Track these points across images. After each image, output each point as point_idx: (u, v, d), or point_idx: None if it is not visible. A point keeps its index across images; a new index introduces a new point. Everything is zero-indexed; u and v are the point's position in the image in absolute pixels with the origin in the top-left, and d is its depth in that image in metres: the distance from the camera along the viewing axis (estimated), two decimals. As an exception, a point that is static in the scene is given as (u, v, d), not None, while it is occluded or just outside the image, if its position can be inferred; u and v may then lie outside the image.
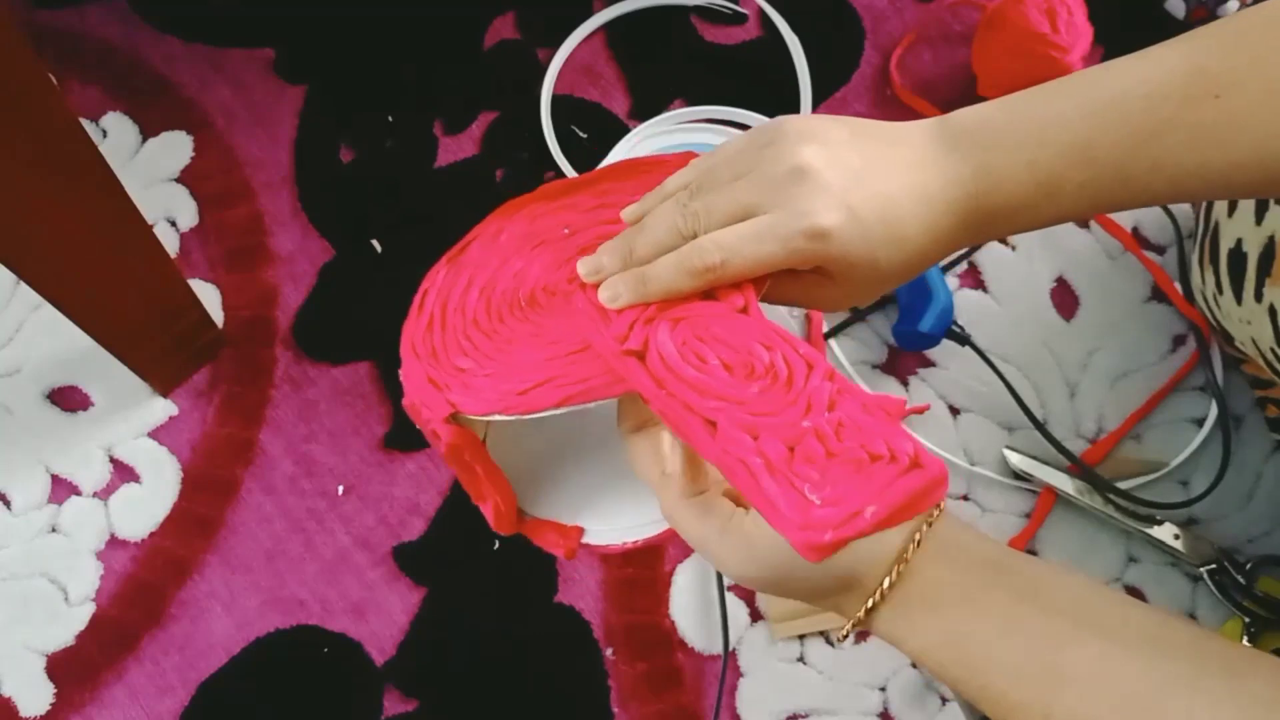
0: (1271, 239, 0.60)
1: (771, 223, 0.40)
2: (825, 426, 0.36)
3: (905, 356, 0.77)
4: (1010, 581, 0.38)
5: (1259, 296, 0.62)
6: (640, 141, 0.79)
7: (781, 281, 0.42)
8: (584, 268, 0.45)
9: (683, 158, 0.48)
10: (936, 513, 0.39)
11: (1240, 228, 0.64)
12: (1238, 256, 0.64)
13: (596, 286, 0.44)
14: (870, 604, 0.38)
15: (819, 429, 0.36)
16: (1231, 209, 0.66)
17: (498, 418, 0.43)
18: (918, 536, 0.39)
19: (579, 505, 0.48)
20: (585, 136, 0.83)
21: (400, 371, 0.48)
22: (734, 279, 0.41)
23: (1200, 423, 0.74)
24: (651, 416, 0.42)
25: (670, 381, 0.38)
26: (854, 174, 0.41)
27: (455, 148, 0.83)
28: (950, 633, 0.38)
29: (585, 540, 0.47)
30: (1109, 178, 0.40)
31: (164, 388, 0.75)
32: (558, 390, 0.42)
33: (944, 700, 0.69)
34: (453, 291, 0.49)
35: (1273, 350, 0.62)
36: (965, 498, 0.74)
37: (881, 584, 0.38)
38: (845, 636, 0.41)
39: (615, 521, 0.48)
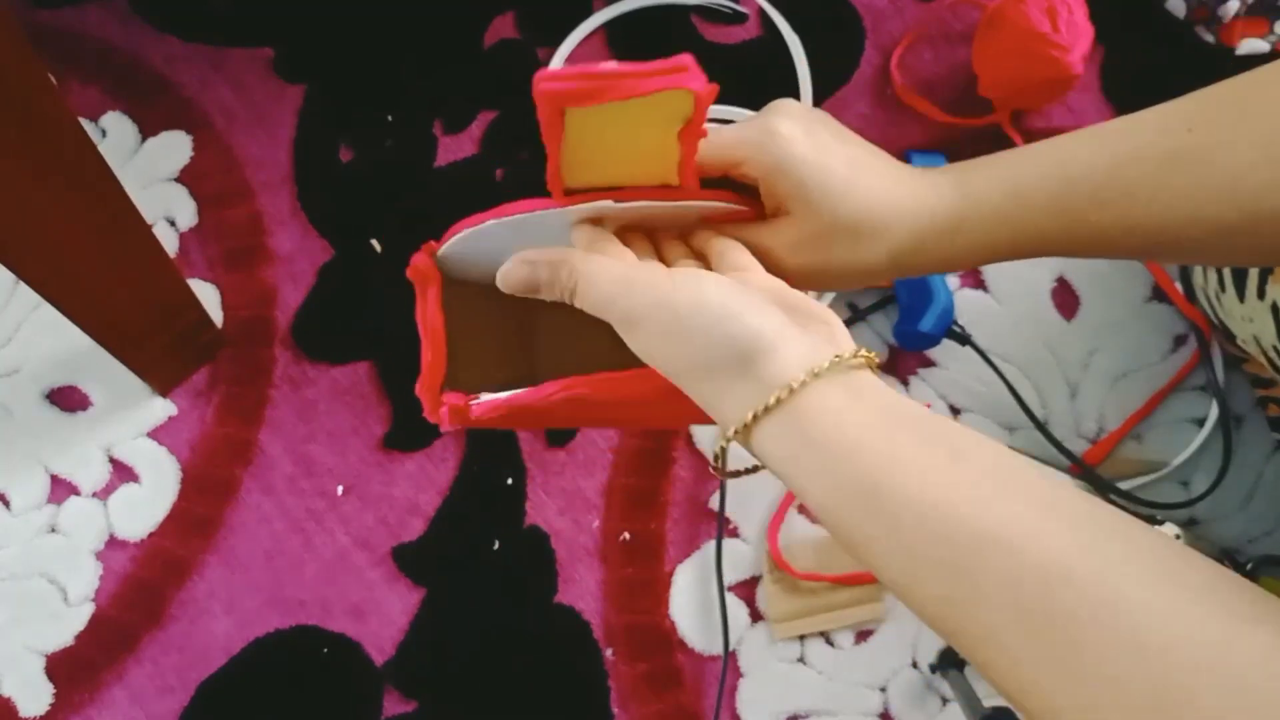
0: None
1: (734, 128, 0.44)
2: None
3: (906, 356, 0.77)
4: (919, 427, 0.36)
5: (1261, 294, 0.62)
6: (640, 141, 0.79)
7: (737, 225, 0.44)
8: None
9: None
10: (862, 360, 0.38)
11: None
12: None
13: None
14: (765, 407, 0.36)
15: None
16: None
17: (463, 232, 0.47)
18: (834, 357, 0.37)
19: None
20: (585, 136, 0.83)
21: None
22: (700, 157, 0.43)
23: (1201, 423, 0.74)
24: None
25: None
26: (826, 132, 0.44)
27: (455, 148, 0.82)
28: (845, 477, 0.35)
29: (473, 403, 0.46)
30: (1082, 195, 0.41)
31: (163, 388, 0.75)
32: (512, 208, 0.44)
33: (944, 700, 0.69)
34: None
35: (1275, 348, 0.62)
36: (966, 498, 0.74)
37: (779, 392, 0.36)
38: (724, 447, 0.38)
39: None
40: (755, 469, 0.41)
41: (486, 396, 0.46)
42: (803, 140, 0.42)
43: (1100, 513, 0.34)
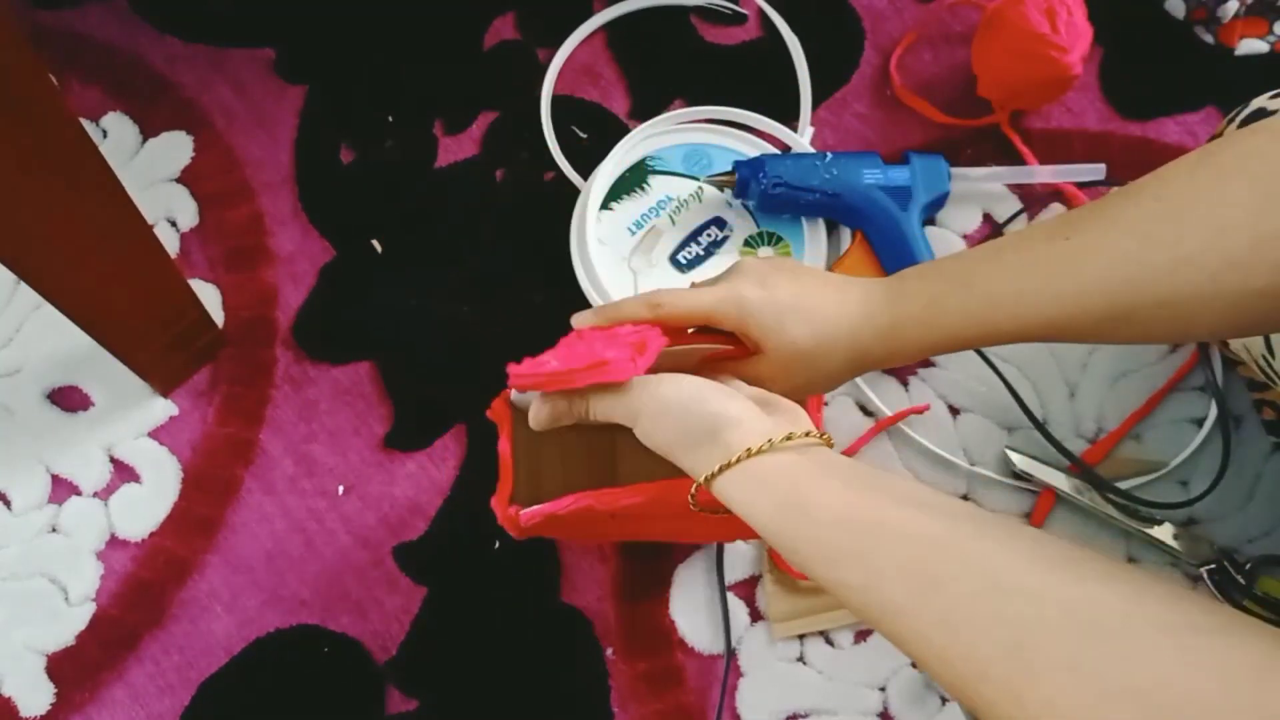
0: None
1: (707, 288, 0.55)
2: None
3: (905, 356, 0.77)
4: (850, 475, 0.44)
5: None
6: (640, 141, 0.79)
7: (730, 362, 0.54)
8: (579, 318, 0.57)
9: None
10: (817, 439, 0.46)
11: None
12: None
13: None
14: (728, 463, 0.45)
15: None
16: None
17: (516, 396, 0.60)
18: (790, 434, 0.45)
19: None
20: (585, 137, 0.83)
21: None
22: (672, 319, 0.54)
23: (1200, 423, 0.75)
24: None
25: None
26: (781, 277, 0.54)
27: (455, 148, 0.83)
28: (783, 500, 0.44)
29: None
30: (982, 300, 0.49)
31: (164, 388, 0.75)
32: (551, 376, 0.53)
33: (944, 700, 0.69)
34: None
35: (1264, 357, 0.62)
36: (965, 497, 0.74)
37: (739, 453, 0.45)
38: (693, 494, 0.47)
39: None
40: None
41: (533, 508, 0.57)
42: (758, 294, 0.53)
43: (1007, 522, 0.40)
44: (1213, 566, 0.70)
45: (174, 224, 0.80)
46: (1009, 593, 0.36)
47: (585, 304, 0.74)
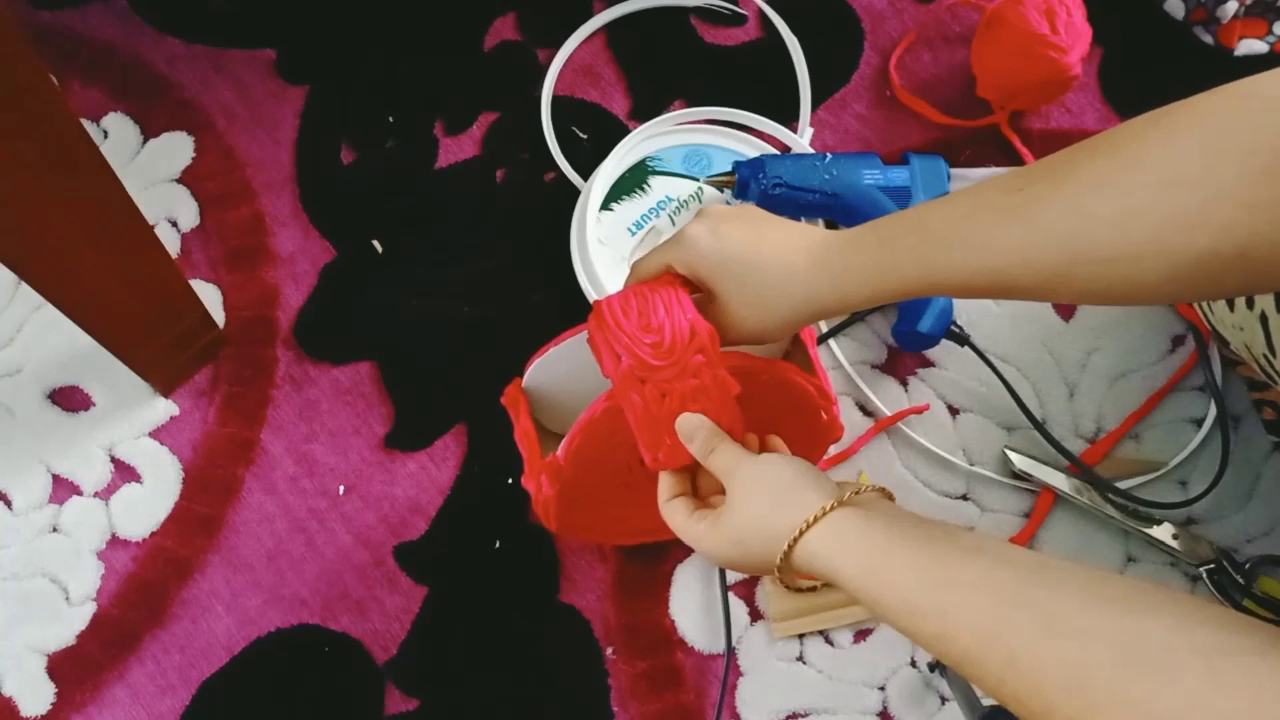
0: None
1: (668, 241, 0.57)
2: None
3: (905, 356, 0.77)
4: (911, 530, 0.46)
5: (1250, 304, 0.62)
6: (640, 142, 0.79)
7: (710, 307, 0.56)
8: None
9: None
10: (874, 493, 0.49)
11: None
12: None
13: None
14: (797, 535, 0.48)
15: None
16: None
17: (537, 360, 0.64)
18: (846, 496, 0.48)
19: None
20: (585, 137, 0.83)
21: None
22: (644, 278, 0.58)
23: (1199, 423, 0.75)
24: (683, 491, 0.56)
25: (608, 322, 0.54)
26: (734, 226, 0.55)
27: (455, 148, 0.83)
28: (859, 561, 0.47)
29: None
30: (934, 244, 0.50)
31: (165, 388, 0.75)
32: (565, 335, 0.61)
33: (943, 700, 0.69)
34: None
35: (1265, 357, 0.62)
36: (965, 497, 0.74)
37: (805, 524, 0.48)
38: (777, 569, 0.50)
39: None
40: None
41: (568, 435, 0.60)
42: (707, 239, 0.54)
43: (1062, 564, 0.42)
44: (1212, 566, 0.70)
45: (175, 224, 0.80)
46: (1062, 636, 0.39)
47: (585, 304, 0.74)
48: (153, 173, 0.81)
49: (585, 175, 0.80)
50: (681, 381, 0.53)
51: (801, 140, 0.81)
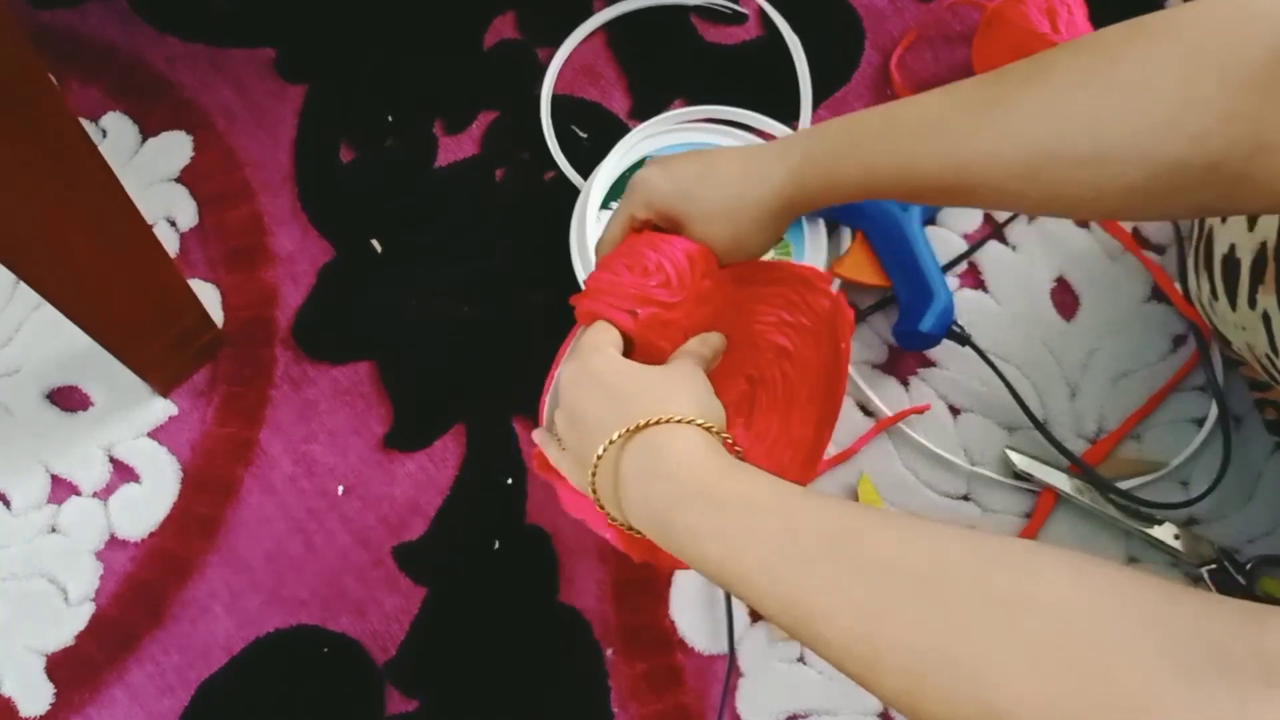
0: (1263, 246, 0.60)
1: (623, 200, 0.60)
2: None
3: (905, 356, 0.77)
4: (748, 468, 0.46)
5: (1253, 303, 0.62)
6: (640, 141, 0.79)
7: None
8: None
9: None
10: (727, 443, 0.48)
11: (1233, 233, 0.64)
12: (1231, 263, 0.64)
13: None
14: (619, 435, 0.47)
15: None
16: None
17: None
18: (699, 422, 0.47)
19: None
20: (585, 136, 0.83)
21: None
22: (625, 228, 0.59)
23: (1200, 423, 0.74)
24: None
25: (605, 285, 0.56)
26: (683, 161, 0.57)
27: (455, 148, 0.83)
28: (710, 464, 0.46)
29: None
30: (905, 132, 0.49)
31: (164, 388, 0.75)
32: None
33: (944, 700, 0.69)
34: None
35: (1268, 356, 0.62)
36: (966, 497, 0.74)
37: (638, 421, 0.47)
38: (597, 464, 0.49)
39: None
40: None
41: None
42: (659, 175, 0.57)
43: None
44: (1213, 567, 0.70)
45: (174, 224, 0.80)
46: (913, 540, 0.39)
47: (585, 304, 0.74)
48: (151, 172, 0.81)
49: (585, 174, 0.80)
50: (698, 310, 0.54)
51: (802, 139, 0.81)
